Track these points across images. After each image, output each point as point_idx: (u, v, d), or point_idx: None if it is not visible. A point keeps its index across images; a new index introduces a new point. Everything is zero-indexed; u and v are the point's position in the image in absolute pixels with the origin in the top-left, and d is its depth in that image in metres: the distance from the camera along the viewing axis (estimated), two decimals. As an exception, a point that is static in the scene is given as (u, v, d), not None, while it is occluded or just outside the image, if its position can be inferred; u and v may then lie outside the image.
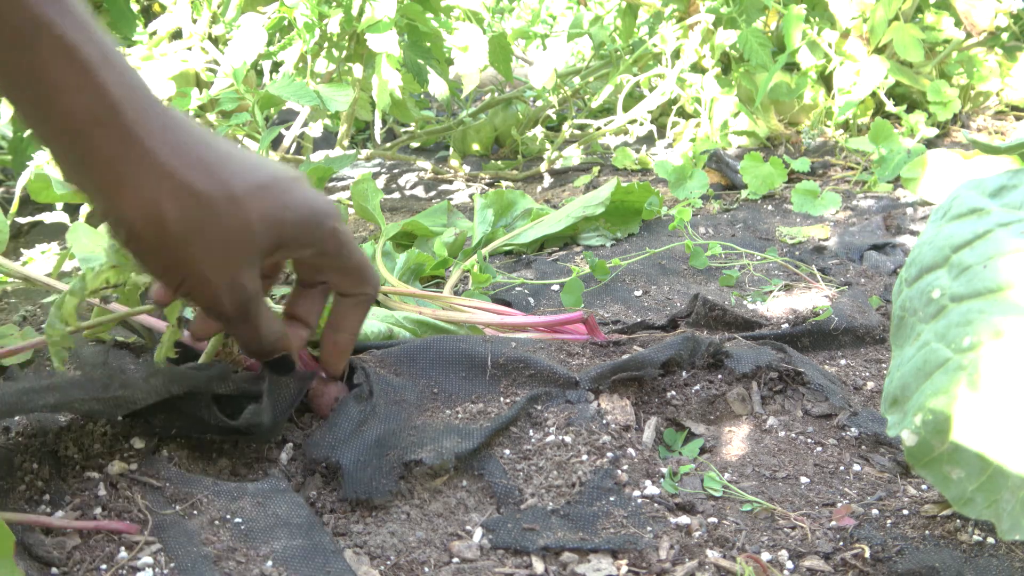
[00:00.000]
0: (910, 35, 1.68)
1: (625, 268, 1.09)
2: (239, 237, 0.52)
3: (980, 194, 0.56)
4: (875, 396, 0.78)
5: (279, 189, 0.54)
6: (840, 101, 1.69)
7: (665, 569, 0.53)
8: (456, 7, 1.58)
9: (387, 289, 0.92)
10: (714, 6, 1.70)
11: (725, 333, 0.88)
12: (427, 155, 1.95)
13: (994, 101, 1.91)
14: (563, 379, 0.71)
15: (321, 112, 1.56)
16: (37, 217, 1.28)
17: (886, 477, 0.64)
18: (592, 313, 0.82)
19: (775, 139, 1.76)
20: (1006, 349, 0.47)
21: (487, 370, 0.72)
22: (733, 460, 0.67)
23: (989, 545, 0.54)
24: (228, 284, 0.53)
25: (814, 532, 0.57)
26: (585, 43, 2.35)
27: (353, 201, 1.16)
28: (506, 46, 1.61)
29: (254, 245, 0.53)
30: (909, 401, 0.51)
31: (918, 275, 0.55)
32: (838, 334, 0.88)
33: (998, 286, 0.49)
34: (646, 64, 1.87)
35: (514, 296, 1.02)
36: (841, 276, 1.07)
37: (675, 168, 1.44)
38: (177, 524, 0.56)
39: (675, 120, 1.86)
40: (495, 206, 1.28)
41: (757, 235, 1.26)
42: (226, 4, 1.37)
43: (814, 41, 1.70)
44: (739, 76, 1.75)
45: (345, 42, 1.39)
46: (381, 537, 0.57)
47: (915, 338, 0.53)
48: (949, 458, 0.49)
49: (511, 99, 1.86)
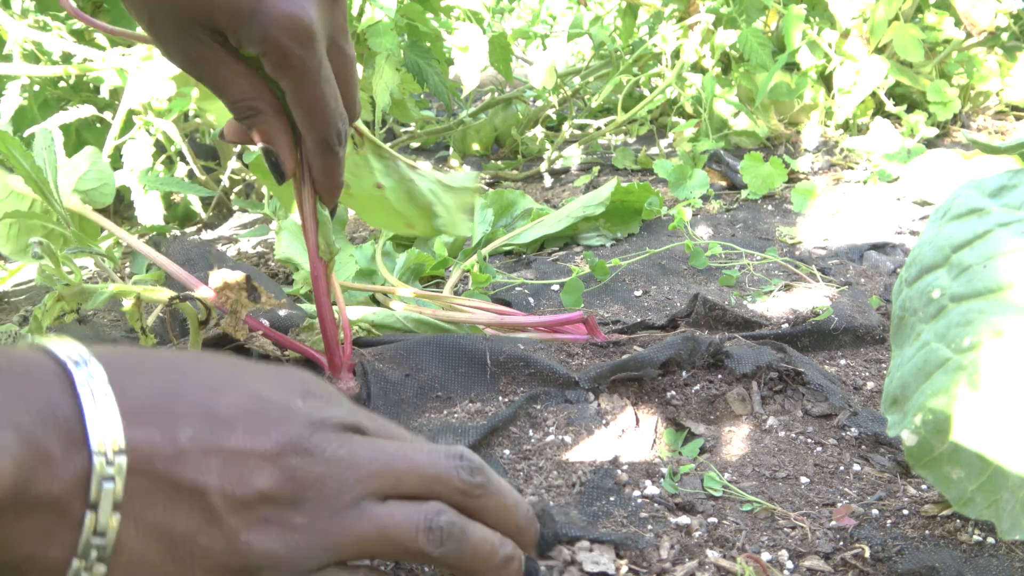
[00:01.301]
0: (910, 35, 1.68)
1: (625, 268, 1.09)
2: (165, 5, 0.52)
3: (980, 194, 0.56)
4: (875, 396, 0.78)
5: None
6: (840, 101, 1.69)
7: (665, 569, 0.53)
8: (456, 7, 1.58)
9: (387, 289, 0.92)
10: (714, 6, 1.70)
11: (725, 333, 0.88)
12: (427, 155, 1.95)
13: (994, 101, 1.91)
14: (562, 379, 0.71)
15: (321, 112, 1.56)
16: (37, 217, 1.27)
17: (886, 477, 0.64)
18: (592, 313, 0.82)
19: (775, 139, 1.76)
20: (1006, 349, 0.47)
21: (487, 368, 0.72)
22: (733, 460, 0.67)
23: (989, 545, 0.54)
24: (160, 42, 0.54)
25: (814, 532, 0.57)
26: (585, 43, 2.35)
27: (353, 201, 1.16)
28: (506, 46, 1.61)
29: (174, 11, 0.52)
30: (909, 401, 0.51)
31: (918, 275, 0.55)
32: (838, 334, 0.88)
33: (998, 286, 0.49)
34: (646, 64, 1.87)
35: (514, 296, 1.02)
36: (841, 276, 1.07)
37: (675, 168, 1.44)
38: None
39: (675, 120, 1.86)
40: (495, 206, 1.28)
41: (757, 235, 1.26)
42: (226, 4, 1.37)
43: (814, 41, 1.70)
44: (739, 76, 1.75)
45: (345, 42, 1.39)
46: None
47: (915, 338, 0.53)
48: (949, 458, 0.49)
49: (511, 99, 1.86)
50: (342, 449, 0.40)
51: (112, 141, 1.26)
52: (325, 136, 0.57)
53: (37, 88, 1.38)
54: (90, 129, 1.45)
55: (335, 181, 0.61)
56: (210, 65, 0.54)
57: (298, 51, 0.52)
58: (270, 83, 0.57)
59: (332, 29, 0.55)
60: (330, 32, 0.55)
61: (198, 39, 0.53)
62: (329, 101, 0.56)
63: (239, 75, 0.55)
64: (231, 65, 0.55)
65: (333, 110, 0.56)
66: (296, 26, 0.51)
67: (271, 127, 0.57)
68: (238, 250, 1.38)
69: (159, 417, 0.36)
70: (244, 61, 0.55)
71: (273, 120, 0.57)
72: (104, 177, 1.00)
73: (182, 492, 0.36)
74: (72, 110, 1.22)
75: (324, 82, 0.55)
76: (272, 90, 0.57)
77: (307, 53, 0.53)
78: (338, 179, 0.61)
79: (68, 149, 1.31)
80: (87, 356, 0.36)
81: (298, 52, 0.52)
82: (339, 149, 0.59)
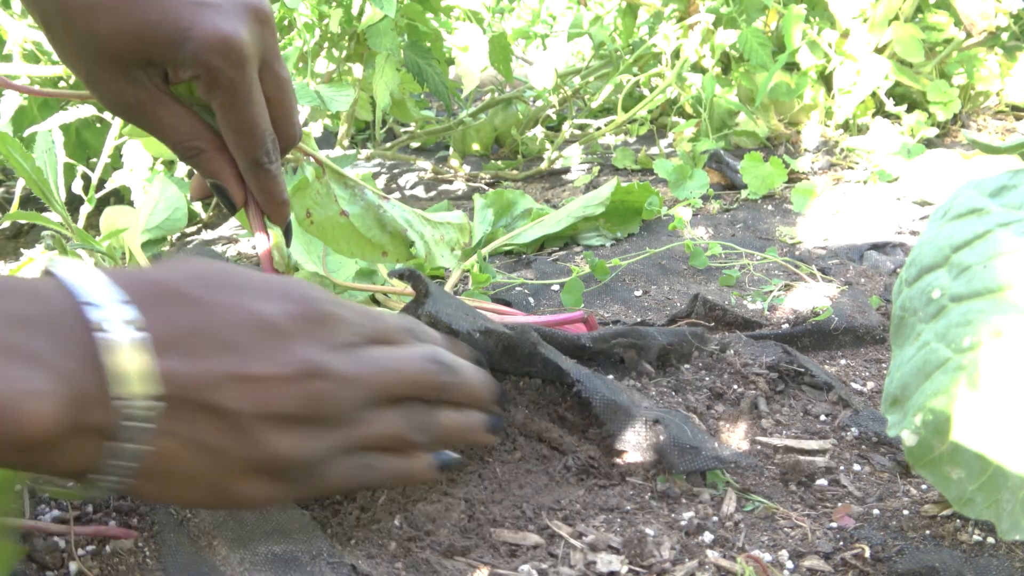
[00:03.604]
0: (910, 35, 1.68)
1: (625, 268, 1.09)
2: (89, 47, 0.53)
3: (980, 194, 0.56)
4: (875, 396, 0.78)
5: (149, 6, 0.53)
6: (840, 101, 1.69)
7: (665, 569, 0.53)
8: (456, 7, 1.58)
9: (387, 289, 0.92)
10: (714, 6, 1.70)
11: (725, 333, 0.88)
12: (427, 155, 1.95)
13: (994, 101, 1.91)
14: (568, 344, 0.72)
15: (321, 112, 1.56)
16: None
17: (886, 477, 0.64)
18: (592, 313, 0.82)
19: (775, 139, 1.76)
20: (1006, 349, 0.47)
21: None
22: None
23: (989, 545, 0.54)
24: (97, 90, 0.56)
25: (814, 532, 0.58)
26: (585, 43, 2.35)
27: (353, 201, 1.16)
28: (506, 46, 1.61)
29: (106, 55, 0.54)
30: (909, 401, 0.51)
31: (918, 275, 0.55)
32: (838, 334, 0.88)
33: (998, 286, 0.49)
34: (646, 64, 1.87)
35: (514, 296, 1.02)
36: (841, 276, 1.07)
37: (675, 168, 1.44)
38: (179, 527, 0.56)
39: (675, 120, 1.86)
40: (495, 206, 1.28)
41: (757, 235, 1.26)
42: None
43: (814, 41, 1.70)
44: (739, 76, 1.75)
45: (345, 42, 1.39)
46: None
47: (915, 338, 0.53)
48: (949, 458, 0.49)
49: (511, 99, 1.86)
50: (348, 367, 0.48)
51: (112, 141, 1.26)
52: (255, 155, 0.60)
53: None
54: (90, 129, 1.45)
55: (276, 199, 0.63)
56: (149, 109, 0.57)
57: (229, 72, 0.55)
58: (203, 113, 0.59)
59: (264, 51, 0.58)
60: (262, 54, 0.58)
61: (135, 81, 0.55)
62: (258, 121, 0.58)
63: (177, 117, 0.58)
64: (169, 107, 0.57)
65: (262, 129, 0.59)
66: (227, 47, 0.54)
67: (214, 163, 0.60)
68: (238, 251, 1.38)
69: (190, 349, 0.43)
70: (181, 103, 0.58)
71: (216, 157, 0.60)
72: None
73: (216, 414, 0.43)
74: (72, 110, 1.22)
75: (254, 103, 0.57)
76: (212, 127, 0.59)
77: (238, 73, 0.55)
78: (278, 196, 0.63)
79: (68, 149, 1.31)
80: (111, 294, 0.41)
81: (229, 73, 0.55)
82: (271, 166, 0.61)
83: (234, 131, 0.58)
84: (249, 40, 0.55)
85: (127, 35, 0.53)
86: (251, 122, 0.58)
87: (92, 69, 0.55)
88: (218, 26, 0.53)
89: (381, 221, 0.79)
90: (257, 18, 0.56)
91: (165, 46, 0.53)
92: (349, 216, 0.77)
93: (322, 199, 0.76)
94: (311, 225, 0.76)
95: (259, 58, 0.57)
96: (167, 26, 0.53)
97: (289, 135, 0.62)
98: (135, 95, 0.56)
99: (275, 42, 0.58)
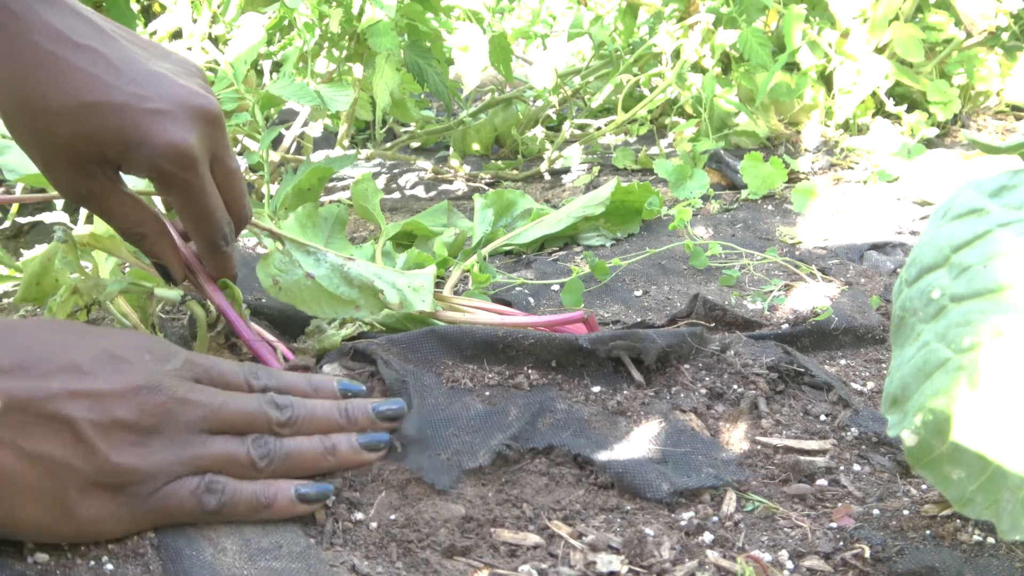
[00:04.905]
0: (910, 35, 1.68)
1: (625, 268, 1.09)
2: (48, 143, 0.58)
3: (980, 194, 0.56)
4: (875, 396, 0.78)
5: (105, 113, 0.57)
6: (840, 101, 1.69)
7: (665, 569, 0.53)
8: (456, 7, 1.58)
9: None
10: (714, 6, 1.70)
11: (725, 333, 0.88)
12: (427, 155, 1.95)
13: (994, 101, 1.91)
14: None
15: (321, 112, 1.56)
16: (37, 217, 1.28)
17: (886, 477, 0.64)
18: (592, 313, 0.82)
19: (775, 139, 1.76)
20: (1006, 349, 0.47)
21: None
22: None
23: (989, 545, 0.54)
24: (52, 179, 0.60)
25: (814, 532, 0.58)
26: (585, 43, 2.35)
27: (353, 201, 1.16)
28: (506, 46, 1.61)
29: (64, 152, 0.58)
30: (909, 401, 0.51)
31: (918, 275, 0.55)
32: (838, 334, 0.88)
33: (998, 286, 0.49)
34: (646, 64, 1.87)
35: (514, 296, 1.02)
36: (841, 276, 1.07)
37: (675, 168, 1.44)
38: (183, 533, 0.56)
39: (675, 120, 1.86)
40: (495, 206, 1.28)
41: (757, 235, 1.26)
42: (226, 4, 1.37)
43: (814, 41, 1.70)
44: (739, 76, 1.75)
45: (345, 42, 1.39)
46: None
47: (915, 338, 0.53)
48: (949, 458, 0.49)
49: (511, 99, 1.86)
50: (186, 392, 0.53)
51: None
52: (212, 240, 0.67)
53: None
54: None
55: (228, 273, 0.71)
56: (99, 198, 0.62)
57: (181, 174, 0.60)
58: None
59: (213, 147, 0.63)
60: (211, 150, 0.63)
61: (89, 174, 0.60)
62: (214, 211, 0.64)
63: (124, 205, 0.63)
64: (117, 196, 0.63)
65: (219, 217, 0.65)
66: (178, 153, 0.59)
67: (156, 246, 0.67)
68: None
69: (32, 372, 0.47)
70: (128, 192, 0.64)
71: (157, 240, 0.67)
72: None
73: (56, 424, 0.47)
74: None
75: (207, 194, 0.63)
76: (155, 214, 0.66)
77: (189, 174, 0.60)
78: (231, 271, 0.71)
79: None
80: None
81: (181, 175, 0.60)
82: (227, 248, 0.68)
83: (192, 221, 0.65)
84: (198, 144, 0.60)
85: (85, 137, 0.58)
86: (206, 212, 0.64)
87: (49, 161, 0.60)
88: (169, 134, 0.59)
89: (348, 277, 0.82)
90: (206, 120, 0.61)
91: (121, 150, 0.59)
92: (315, 277, 0.81)
93: (285, 266, 0.80)
94: (279, 291, 0.80)
95: (209, 154, 0.63)
96: (123, 132, 0.58)
97: (242, 216, 0.69)
98: (88, 187, 0.61)
99: (224, 137, 0.64)
